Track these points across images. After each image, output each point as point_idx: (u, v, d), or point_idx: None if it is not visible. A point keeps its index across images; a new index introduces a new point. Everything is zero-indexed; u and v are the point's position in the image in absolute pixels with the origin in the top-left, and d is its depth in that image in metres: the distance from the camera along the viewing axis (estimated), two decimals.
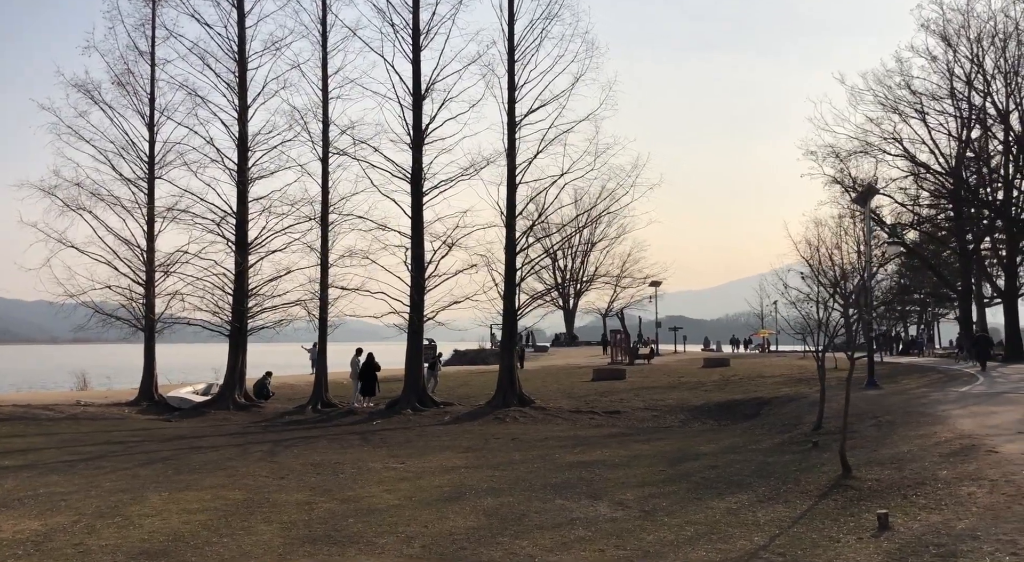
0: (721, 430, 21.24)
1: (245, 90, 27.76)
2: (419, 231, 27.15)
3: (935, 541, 7.79)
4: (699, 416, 24.66)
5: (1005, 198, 43.02)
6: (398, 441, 18.74)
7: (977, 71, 41.45)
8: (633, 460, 14.79)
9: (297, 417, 25.54)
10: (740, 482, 12.04)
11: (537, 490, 11.64)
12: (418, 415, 25.32)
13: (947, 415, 16.74)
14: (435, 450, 16.84)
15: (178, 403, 26.88)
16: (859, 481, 11.09)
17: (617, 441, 18.31)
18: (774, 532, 8.82)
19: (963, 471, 10.93)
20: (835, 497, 10.48)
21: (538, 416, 25.04)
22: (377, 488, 11.82)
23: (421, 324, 27.13)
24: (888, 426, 16.28)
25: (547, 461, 14.75)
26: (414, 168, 26.93)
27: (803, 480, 11.76)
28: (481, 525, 9.33)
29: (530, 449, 16.82)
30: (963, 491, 9.87)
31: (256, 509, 10.26)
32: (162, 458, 15.54)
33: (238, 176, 27.55)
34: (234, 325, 27.52)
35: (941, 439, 13.80)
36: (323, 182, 27.65)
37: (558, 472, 13.35)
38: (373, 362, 27.19)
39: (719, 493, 11.24)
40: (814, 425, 17.61)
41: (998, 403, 18.92)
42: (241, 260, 27.43)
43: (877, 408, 19.02)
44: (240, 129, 27.68)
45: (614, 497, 11.03)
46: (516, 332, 27.47)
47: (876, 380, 25.25)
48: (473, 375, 41.92)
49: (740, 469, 13.21)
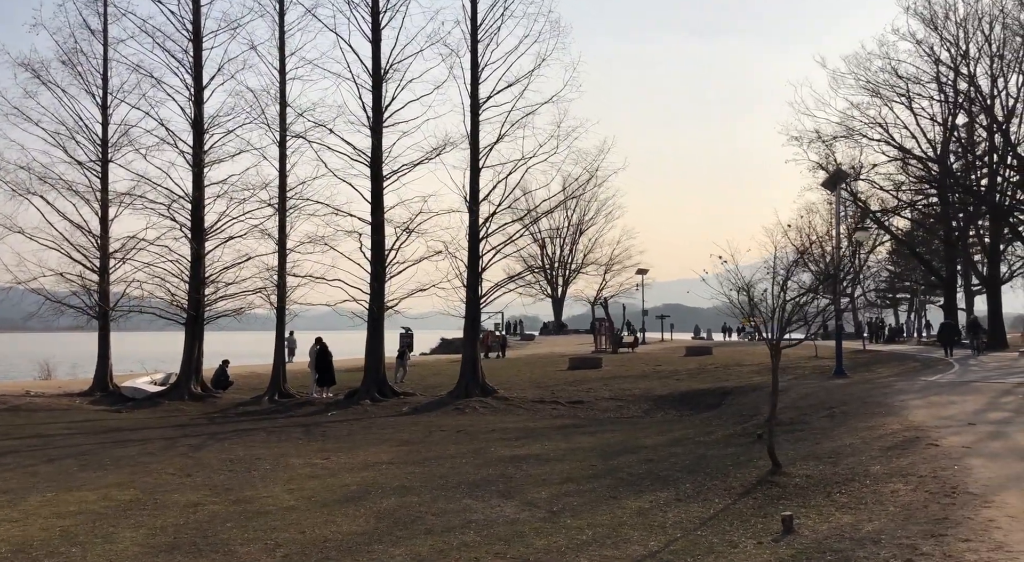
0: (679, 421, 20.63)
1: (200, 70, 26.96)
2: (379, 217, 26.42)
3: (835, 546, 7.16)
4: (662, 406, 24.04)
5: (989, 185, 42.29)
6: (339, 434, 18.11)
7: (962, 56, 40.61)
8: (569, 454, 14.17)
9: (252, 408, 24.90)
10: (668, 478, 11.42)
11: (451, 488, 11.01)
12: (376, 406, 24.69)
13: (904, 406, 16.14)
14: (371, 444, 16.22)
15: (132, 393, 26.24)
16: (788, 477, 10.47)
17: (564, 433, 17.69)
18: (675, 535, 8.19)
19: (895, 466, 10.33)
20: (756, 495, 9.86)
21: (499, 406, 24.42)
22: (281, 487, 11.19)
23: (382, 312, 26.46)
24: (841, 417, 15.67)
25: (479, 456, 14.12)
26: (373, 151, 26.16)
27: (732, 476, 11.14)
28: (365, 530, 8.70)
29: (470, 442, 16.20)
30: (887, 488, 9.26)
31: (135, 512, 9.63)
32: (78, 453, 14.91)
33: (193, 159, 26.80)
34: (190, 313, 26.83)
35: (888, 431, 13.21)
36: (280, 166, 26.90)
37: (484, 468, 12.73)
38: (326, 350, 26.50)
39: (639, 491, 10.62)
40: (767, 416, 16.99)
41: (961, 393, 18.32)
42: (197, 246, 26.71)
43: (835, 398, 18.42)
44: (195, 111, 26.90)
45: (527, 496, 10.40)
46: (479, 320, 26.81)
47: (844, 369, 24.62)
48: (450, 364, 41.17)
49: (674, 464, 12.59)
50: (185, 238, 26.87)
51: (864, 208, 46.59)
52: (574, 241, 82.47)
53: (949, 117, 43.04)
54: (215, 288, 27.82)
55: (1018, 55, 39.51)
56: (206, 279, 27.18)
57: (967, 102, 41.74)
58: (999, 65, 40.59)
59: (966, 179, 43.80)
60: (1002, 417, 14.38)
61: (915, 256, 48.86)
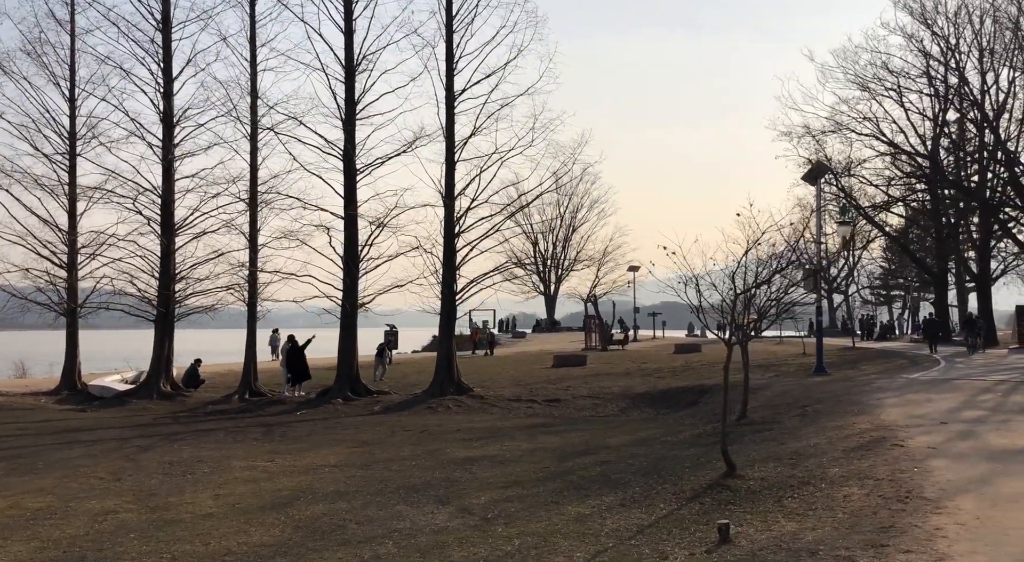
0: (652, 420, 20.10)
1: (170, 61, 26.35)
2: (352, 211, 25.83)
3: (768, 558, 6.62)
4: (639, 404, 23.50)
5: (980, 181, 41.69)
6: (298, 434, 17.56)
7: (952, 50, 39.98)
8: (527, 455, 13.61)
9: (221, 407, 24.34)
10: (619, 481, 10.85)
11: (387, 493, 10.45)
12: (347, 405, 24.14)
13: (878, 404, 15.59)
14: (327, 445, 15.65)
15: (100, 392, 25.68)
16: (742, 480, 9.90)
17: (530, 433, 17.14)
18: (607, 545, 7.63)
19: (855, 468, 9.78)
20: (704, 500, 9.30)
21: (473, 405, 23.89)
22: (210, 493, 10.62)
23: (355, 310, 25.89)
24: (812, 416, 15.13)
25: (432, 457, 13.56)
26: (346, 144, 25.58)
27: (687, 479, 10.58)
28: (277, 540, 8.15)
29: (429, 443, 15.64)
30: (841, 493, 8.71)
31: (38, 522, 9.08)
32: (16, 456, 14.36)
33: (163, 153, 26.19)
34: (160, 310, 26.25)
35: (856, 431, 12.66)
36: (252, 160, 26.30)
37: (432, 471, 12.16)
38: (297, 347, 25.91)
39: (585, 495, 10.06)
40: (738, 414, 16.46)
41: (940, 390, 17.77)
42: (167, 241, 26.13)
43: (811, 396, 17.88)
44: (165, 104, 26.29)
45: (464, 502, 9.84)
46: (455, 317, 26.21)
47: (825, 367, 24.05)
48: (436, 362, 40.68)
49: (631, 465, 12.02)
50: (154, 233, 26.29)
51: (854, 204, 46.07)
52: (567, 238, 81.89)
53: (940, 113, 42.45)
54: (186, 284, 27.26)
55: (1009, 49, 38.86)
56: (176, 275, 26.59)
57: (957, 98, 41.14)
58: (989, 60, 39.99)
59: (956, 175, 43.20)
60: (976, 416, 13.83)
61: (906, 253, 48.29)
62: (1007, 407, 14.76)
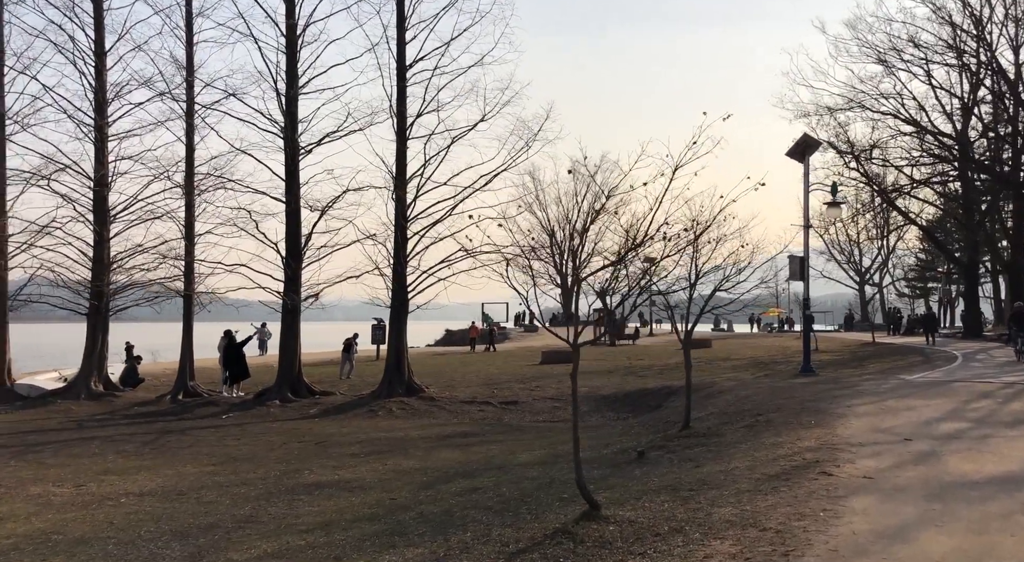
0: (600, 427, 17.67)
1: (102, 34, 24.38)
2: (295, 195, 23.62)
3: None
4: (601, 407, 21.04)
5: (1013, 165, 38.13)
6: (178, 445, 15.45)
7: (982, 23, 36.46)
8: (391, 480, 11.23)
9: (148, 409, 22.35)
10: (458, 522, 8.41)
11: (147, 541, 8.18)
12: (283, 407, 22.00)
13: (845, 413, 12.96)
14: (189, 460, 13.52)
15: (27, 391, 23.88)
16: (600, 525, 7.39)
17: (435, 445, 14.85)
18: None
19: (751, 510, 7.25)
20: (533, 554, 6.84)
21: (418, 408, 21.62)
22: None
23: (298, 301, 23.70)
24: (761, 427, 12.54)
25: (279, 482, 11.27)
26: (286, 121, 23.37)
27: (543, 518, 8.14)
28: None
29: (304, 459, 13.38)
30: (705, 550, 6.20)
31: None
32: None
33: (95, 134, 24.23)
34: (92, 303, 24.33)
35: (793, 450, 10.11)
36: (188, 140, 24.27)
37: (246, 504, 9.86)
38: (235, 342, 23.81)
39: (391, 546, 7.64)
40: (681, 424, 13.92)
41: (930, 396, 15.01)
42: (99, 229, 24.18)
43: (774, 402, 15.21)
44: (97, 81, 24.31)
45: (223, 556, 7.51)
46: (406, 311, 23.84)
47: (813, 367, 21.26)
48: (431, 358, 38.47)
49: (496, 497, 9.56)
50: (85, 221, 24.37)
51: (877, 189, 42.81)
52: (585, 228, 78.96)
53: (970, 91, 38.95)
54: (128, 275, 25.27)
55: None
56: (111, 265, 24.63)
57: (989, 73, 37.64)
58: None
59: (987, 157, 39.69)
60: (955, 429, 11.14)
61: (932, 240, 44.82)
62: (997, 418, 12.02)
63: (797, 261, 20.39)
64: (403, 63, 23.71)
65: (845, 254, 74.68)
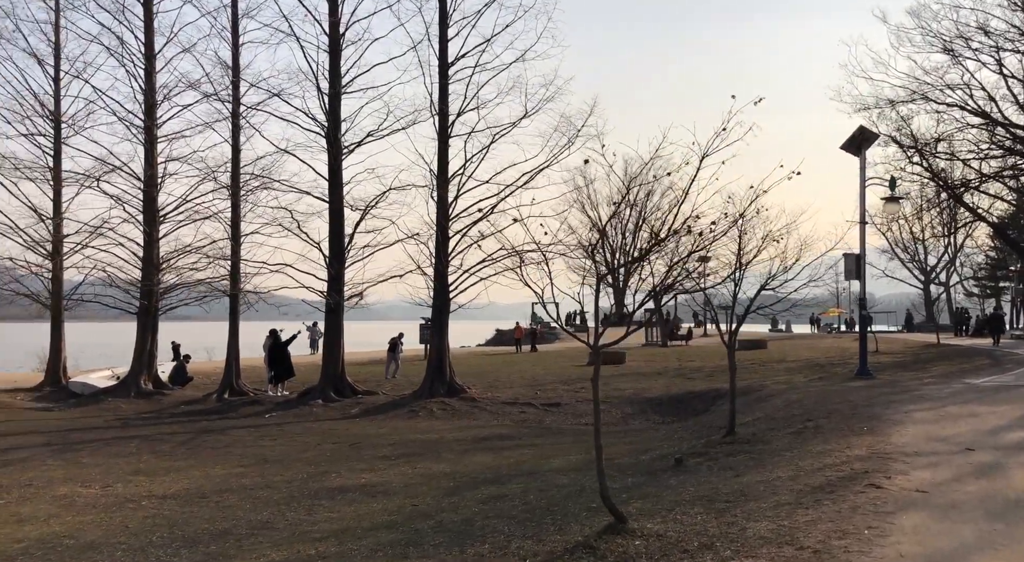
0: (642, 432, 17.05)
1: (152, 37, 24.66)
2: (338, 194, 23.52)
3: None
4: (646, 410, 20.43)
5: None
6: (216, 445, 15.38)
7: None
8: (417, 484, 10.87)
9: (195, 407, 22.52)
10: (478, 532, 7.98)
11: (152, 549, 7.93)
12: (325, 407, 21.90)
13: (901, 420, 12.17)
14: (221, 460, 13.39)
15: (80, 389, 24.33)
16: (624, 539, 6.90)
17: (469, 448, 14.48)
18: None
19: (788, 525, 6.68)
20: None
21: (460, 409, 21.28)
22: None
23: (342, 301, 23.61)
24: (809, 434, 11.85)
25: (302, 486, 10.99)
26: (329, 121, 23.28)
27: (566, 531, 7.67)
28: None
29: (335, 461, 13.13)
30: None
31: None
32: None
33: (145, 135, 24.55)
34: (142, 303, 24.64)
35: (840, 459, 9.45)
36: (234, 141, 24.38)
37: (264, 508, 9.58)
38: (280, 342, 23.80)
39: (403, 556, 7.27)
40: (726, 430, 13.28)
41: (996, 402, 14.08)
42: (149, 229, 24.48)
43: (826, 407, 14.44)
44: (147, 83, 24.60)
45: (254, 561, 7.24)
46: (447, 310, 23.53)
47: (870, 370, 20.29)
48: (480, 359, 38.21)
49: (521, 506, 9.11)
50: (135, 222, 24.70)
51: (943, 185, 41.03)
52: (637, 226, 77.80)
53: None
54: (177, 275, 25.55)
55: None
56: (160, 265, 24.92)
57: None
58: None
59: None
60: (1022, 439, 10.29)
61: (1002, 237, 42.81)
62: None
63: (853, 258, 19.48)
64: (445, 60, 23.43)
65: (909, 252, 72.25)
